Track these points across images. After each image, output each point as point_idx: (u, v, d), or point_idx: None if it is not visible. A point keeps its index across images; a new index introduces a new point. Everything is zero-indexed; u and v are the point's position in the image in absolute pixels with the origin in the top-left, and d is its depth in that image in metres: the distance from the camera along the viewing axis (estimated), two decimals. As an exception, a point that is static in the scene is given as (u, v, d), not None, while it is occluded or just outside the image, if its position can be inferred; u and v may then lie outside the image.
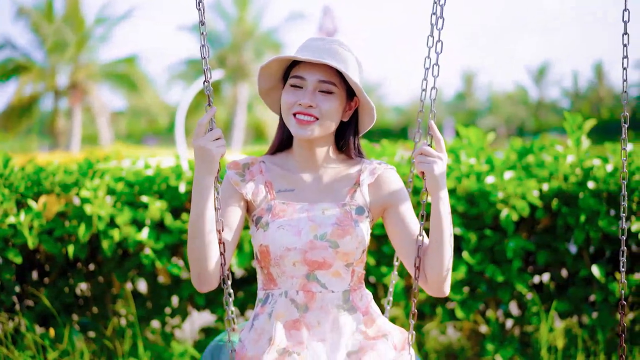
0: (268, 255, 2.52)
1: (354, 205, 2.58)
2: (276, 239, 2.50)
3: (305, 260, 2.50)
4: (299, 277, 2.53)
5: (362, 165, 2.66)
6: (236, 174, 2.62)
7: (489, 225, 4.40)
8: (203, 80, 2.50)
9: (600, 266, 4.27)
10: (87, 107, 39.72)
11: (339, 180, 2.64)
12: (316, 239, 2.50)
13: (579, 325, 4.47)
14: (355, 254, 2.54)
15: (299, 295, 2.53)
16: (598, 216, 4.22)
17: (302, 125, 2.51)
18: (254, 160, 2.68)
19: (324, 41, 2.55)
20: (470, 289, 4.42)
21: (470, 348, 4.60)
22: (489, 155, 4.53)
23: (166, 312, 4.56)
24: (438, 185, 2.49)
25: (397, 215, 2.60)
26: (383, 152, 4.59)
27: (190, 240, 2.46)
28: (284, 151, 2.71)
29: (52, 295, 4.37)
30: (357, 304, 2.59)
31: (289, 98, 2.52)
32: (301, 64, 2.54)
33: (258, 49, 43.19)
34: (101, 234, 4.16)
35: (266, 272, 2.58)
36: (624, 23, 2.60)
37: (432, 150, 2.49)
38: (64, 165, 4.44)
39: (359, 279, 2.62)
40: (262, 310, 2.58)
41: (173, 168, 4.45)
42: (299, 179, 2.64)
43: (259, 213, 2.57)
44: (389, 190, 2.62)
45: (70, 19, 37.34)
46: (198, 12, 2.51)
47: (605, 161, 4.38)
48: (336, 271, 2.54)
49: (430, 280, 2.54)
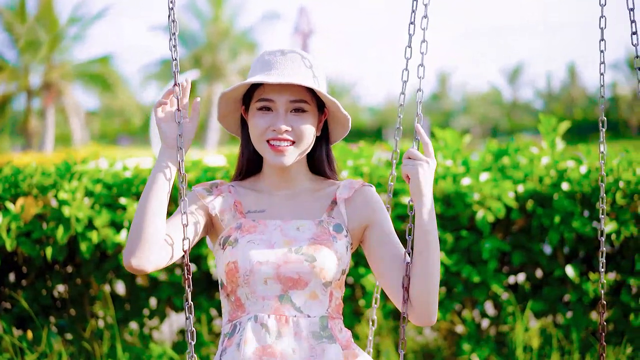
0: (236, 272, 2.24)
1: (332, 223, 2.33)
2: (245, 252, 2.24)
3: (278, 276, 2.23)
4: (271, 298, 2.24)
5: (338, 184, 2.42)
6: (203, 189, 2.38)
7: (465, 226, 4.45)
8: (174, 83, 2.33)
9: (575, 266, 4.33)
10: (61, 107, 39.41)
11: (314, 198, 2.40)
12: (290, 252, 2.25)
13: (554, 325, 4.52)
14: (335, 271, 2.27)
15: (270, 320, 2.23)
16: (572, 217, 4.28)
17: (278, 153, 2.28)
18: (222, 182, 2.43)
19: (284, 55, 2.32)
20: (447, 290, 4.47)
21: (447, 348, 4.64)
22: (465, 157, 4.58)
23: (144, 314, 4.57)
24: (422, 190, 2.26)
25: (376, 231, 2.36)
26: (360, 153, 4.60)
27: (137, 211, 2.23)
28: (252, 176, 2.47)
29: (30, 297, 4.36)
30: (336, 334, 2.29)
31: (260, 124, 2.28)
32: (266, 84, 2.30)
33: (233, 48, 43.13)
34: (79, 236, 4.16)
35: (233, 298, 2.30)
36: (601, 29, 2.65)
37: (419, 154, 2.29)
38: (42, 167, 4.44)
39: (337, 308, 2.34)
40: (229, 343, 2.28)
41: (151, 170, 4.44)
42: (270, 200, 2.39)
43: (227, 233, 2.31)
44: (368, 207, 2.38)
45: (43, 19, 37.03)
46: (169, 12, 2.32)
47: (579, 163, 4.45)
48: (313, 292, 2.26)
49: (415, 304, 2.27)
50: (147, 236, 2.18)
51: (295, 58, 2.32)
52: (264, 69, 2.31)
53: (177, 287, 4.41)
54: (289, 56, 2.32)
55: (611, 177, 4.28)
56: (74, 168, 4.38)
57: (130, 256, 2.18)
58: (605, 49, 2.67)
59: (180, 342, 4.56)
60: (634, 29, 2.55)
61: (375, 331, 4.55)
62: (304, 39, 17.38)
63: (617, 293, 4.42)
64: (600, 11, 2.60)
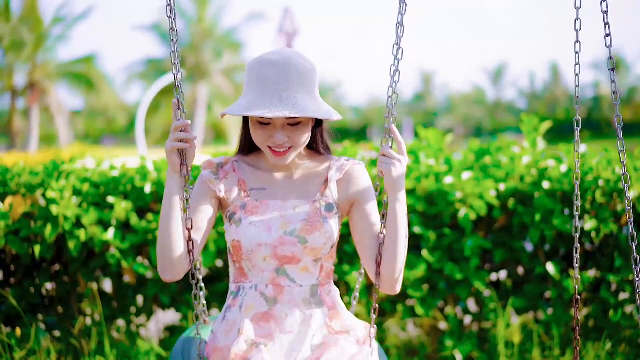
0: (240, 250, 2.61)
1: (324, 202, 2.66)
2: (248, 234, 2.59)
3: (275, 255, 2.59)
4: (269, 271, 2.62)
5: (331, 162, 2.75)
6: (210, 173, 2.69)
7: (447, 224, 4.51)
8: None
9: (555, 264, 4.40)
10: (45, 107, 39.29)
11: (309, 178, 2.72)
12: (286, 234, 2.58)
13: (535, 321, 4.59)
14: (324, 249, 2.63)
15: (268, 288, 2.63)
16: (553, 215, 4.35)
17: (278, 156, 2.59)
18: (227, 159, 2.75)
19: (281, 69, 2.51)
20: (430, 287, 4.52)
21: (430, 344, 4.69)
22: (447, 156, 4.63)
23: (132, 312, 4.60)
24: (395, 186, 2.59)
25: (362, 210, 2.69)
26: (344, 152, 4.64)
27: (159, 232, 2.58)
28: (255, 152, 2.78)
29: (18, 295, 4.39)
30: (324, 299, 2.68)
31: (260, 136, 2.58)
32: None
33: (217, 48, 43.11)
34: (67, 234, 4.19)
35: (238, 266, 2.68)
36: (576, 32, 2.72)
37: (393, 152, 2.59)
38: (30, 167, 4.46)
39: (327, 275, 2.71)
40: (233, 302, 2.68)
41: (138, 169, 4.48)
42: (271, 178, 2.71)
43: (233, 210, 2.65)
44: (356, 186, 2.71)
45: (28, 18, 36.90)
46: (169, 20, 2.63)
47: (560, 162, 4.51)
48: (305, 266, 2.64)
49: (383, 277, 2.64)
50: (173, 254, 2.58)
51: (291, 71, 2.51)
52: (259, 87, 2.52)
53: (163, 285, 4.45)
54: (282, 70, 2.51)
55: (591, 175, 4.35)
56: (62, 167, 4.41)
57: (165, 273, 2.60)
58: (580, 51, 2.75)
59: (167, 339, 4.59)
60: (607, 31, 2.62)
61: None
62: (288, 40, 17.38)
63: (597, 290, 4.49)
64: (576, 14, 2.66)
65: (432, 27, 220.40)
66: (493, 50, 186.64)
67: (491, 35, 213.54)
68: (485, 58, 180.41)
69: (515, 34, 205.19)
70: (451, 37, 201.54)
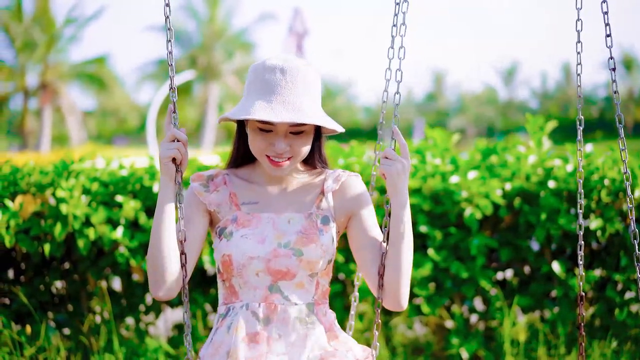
0: (230, 265, 2.44)
1: (320, 215, 2.51)
2: (239, 247, 2.42)
3: (268, 269, 2.42)
4: (262, 288, 2.44)
5: (327, 174, 2.58)
6: (200, 185, 2.53)
7: (453, 223, 4.53)
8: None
9: (561, 263, 4.42)
10: (57, 107, 39.46)
11: (304, 190, 2.57)
12: (280, 247, 2.42)
13: (541, 320, 4.61)
14: (320, 263, 2.46)
15: (260, 307, 2.43)
16: (558, 214, 4.37)
17: (277, 166, 2.43)
18: (218, 172, 2.58)
19: (284, 75, 2.40)
20: (436, 285, 4.54)
21: (436, 342, 4.70)
22: (453, 155, 4.65)
23: (140, 310, 4.64)
24: (397, 188, 2.46)
25: (360, 222, 2.54)
26: (351, 152, 4.66)
27: (151, 244, 2.42)
28: (248, 165, 2.61)
29: (29, 293, 4.43)
30: (320, 319, 2.50)
31: (260, 143, 2.42)
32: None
33: (228, 49, 43.17)
34: (77, 233, 4.23)
35: (228, 284, 2.50)
36: (577, 32, 2.74)
37: (395, 154, 2.47)
38: (40, 166, 4.50)
39: (323, 294, 2.53)
40: (221, 324, 2.49)
41: (147, 168, 4.52)
42: (264, 192, 2.55)
43: (224, 224, 2.49)
44: (353, 197, 2.55)
45: (40, 19, 37.10)
46: (165, 19, 2.50)
47: (566, 161, 4.53)
48: (300, 282, 2.46)
49: (386, 290, 2.48)
50: (167, 268, 2.40)
51: (295, 77, 2.39)
52: (264, 91, 2.39)
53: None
54: (288, 76, 2.39)
55: (596, 175, 4.37)
56: (72, 167, 4.44)
57: (158, 290, 2.42)
58: (582, 51, 2.77)
59: (175, 336, 4.63)
60: (608, 32, 2.64)
61: (365, 326, 4.65)
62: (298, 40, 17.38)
63: (603, 289, 4.51)
64: (577, 14, 2.69)
65: (444, 27, 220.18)
66: (505, 50, 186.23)
67: (503, 35, 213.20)
68: (497, 58, 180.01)
69: (527, 34, 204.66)
70: (463, 37, 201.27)
